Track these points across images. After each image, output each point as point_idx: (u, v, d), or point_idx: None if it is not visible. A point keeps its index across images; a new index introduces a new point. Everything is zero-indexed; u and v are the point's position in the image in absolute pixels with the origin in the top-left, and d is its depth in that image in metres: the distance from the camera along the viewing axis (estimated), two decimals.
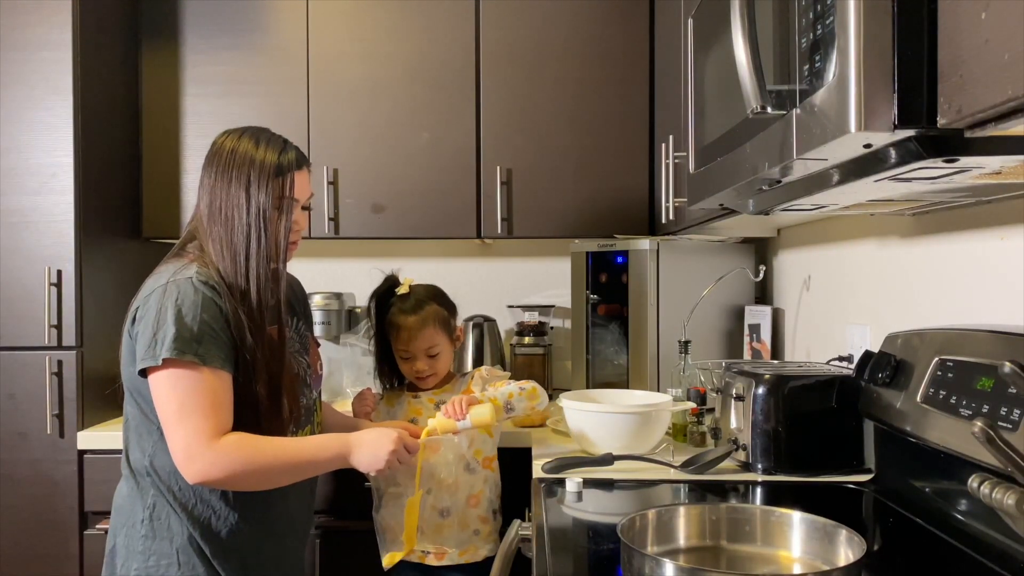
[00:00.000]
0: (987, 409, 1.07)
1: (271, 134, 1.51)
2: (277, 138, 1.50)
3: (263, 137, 1.48)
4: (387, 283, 1.86)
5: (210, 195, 1.45)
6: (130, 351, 1.40)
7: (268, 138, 1.48)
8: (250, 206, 1.42)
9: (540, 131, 2.42)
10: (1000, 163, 0.88)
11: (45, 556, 2.07)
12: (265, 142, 1.47)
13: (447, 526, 1.72)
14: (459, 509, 1.72)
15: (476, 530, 1.74)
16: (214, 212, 1.44)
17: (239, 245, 1.42)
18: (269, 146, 1.46)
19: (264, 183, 1.43)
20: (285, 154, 1.46)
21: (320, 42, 2.42)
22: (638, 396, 1.89)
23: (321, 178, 2.40)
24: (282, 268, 1.48)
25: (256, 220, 1.42)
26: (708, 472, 1.56)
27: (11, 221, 2.11)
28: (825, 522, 1.06)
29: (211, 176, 1.45)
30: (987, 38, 0.67)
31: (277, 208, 1.44)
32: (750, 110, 0.96)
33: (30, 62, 2.10)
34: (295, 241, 1.51)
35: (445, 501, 1.72)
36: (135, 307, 1.42)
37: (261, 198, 1.42)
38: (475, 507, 1.74)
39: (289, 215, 1.46)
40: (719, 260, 2.32)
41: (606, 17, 2.42)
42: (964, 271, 1.38)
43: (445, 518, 1.72)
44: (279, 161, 1.44)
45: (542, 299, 2.77)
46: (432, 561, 1.72)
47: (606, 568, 1.17)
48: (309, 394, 1.58)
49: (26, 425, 2.09)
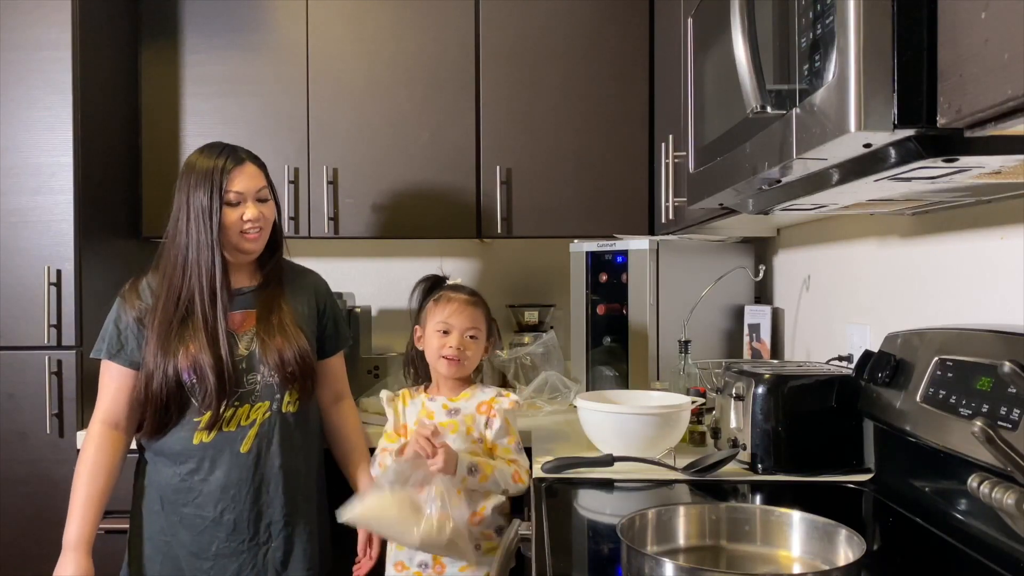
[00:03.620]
0: (987, 409, 1.07)
1: (217, 144, 1.71)
2: (218, 145, 1.70)
3: (206, 148, 1.70)
4: (437, 276, 1.90)
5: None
6: None
7: (211, 147, 1.70)
8: (191, 204, 1.64)
9: (540, 131, 2.42)
10: (1000, 163, 0.88)
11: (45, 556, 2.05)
12: (207, 151, 1.69)
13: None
14: (462, 523, 1.69)
15: (477, 544, 1.69)
16: (170, 220, 1.69)
17: (179, 238, 1.65)
18: (207, 152, 1.68)
19: (202, 182, 1.63)
20: (220, 157, 1.66)
21: (320, 42, 2.42)
22: (655, 397, 1.86)
23: (321, 178, 2.40)
24: (225, 255, 1.67)
25: (196, 214, 1.63)
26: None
27: (11, 221, 2.11)
28: (825, 522, 1.06)
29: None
30: (987, 38, 0.67)
31: (219, 203, 1.63)
32: (750, 110, 0.96)
33: (30, 62, 2.10)
34: (248, 231, 1.67)
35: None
36: None
37: (199, 195, 1.63)
38: (478, 525, 1.70)
39: (235, 207, 1.65)
40: (719, 260, 2.32)
41: (606, 17, 2.42)
42: (964, 271, 1.38)
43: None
44: (214, 163, 1.65)
45: (542, 299, 2.77)
46: (431, 575, 1.70)
47: (606, 568, 1.17)
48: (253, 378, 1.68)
49: (26, 425, 2.09)
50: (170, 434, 1.65)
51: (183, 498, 1.66)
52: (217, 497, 1.65)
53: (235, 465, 1.66)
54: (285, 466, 1.69)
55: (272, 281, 1.76)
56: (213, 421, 1.63)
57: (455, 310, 1.76)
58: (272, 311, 1.71)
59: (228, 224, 1.65)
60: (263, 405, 1.68)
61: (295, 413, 1.72)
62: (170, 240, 1.68)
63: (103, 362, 1.69)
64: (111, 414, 1.67)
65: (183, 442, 1.65)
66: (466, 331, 1.75)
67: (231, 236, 1.66)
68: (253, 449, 1.67)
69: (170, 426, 1.65)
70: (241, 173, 1.66)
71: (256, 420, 1.67)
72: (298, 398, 1.72)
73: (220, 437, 1.65)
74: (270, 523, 1.68)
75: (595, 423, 1.71)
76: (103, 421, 1.66)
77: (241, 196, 1.66)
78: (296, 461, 1.72)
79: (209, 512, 1.65)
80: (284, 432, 1.69)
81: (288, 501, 1.69)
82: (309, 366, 1.71)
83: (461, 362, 1.75)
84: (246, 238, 1.67)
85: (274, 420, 1.69)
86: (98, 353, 1.69)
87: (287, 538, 1.69)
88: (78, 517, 1.61)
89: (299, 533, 1.71)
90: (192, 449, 1.65)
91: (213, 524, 1.65)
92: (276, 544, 1.69)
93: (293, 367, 1.68)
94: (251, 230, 1.67)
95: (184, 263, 1.64)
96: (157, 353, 1.61)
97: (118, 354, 1.66)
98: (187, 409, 1.65)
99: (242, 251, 1.70)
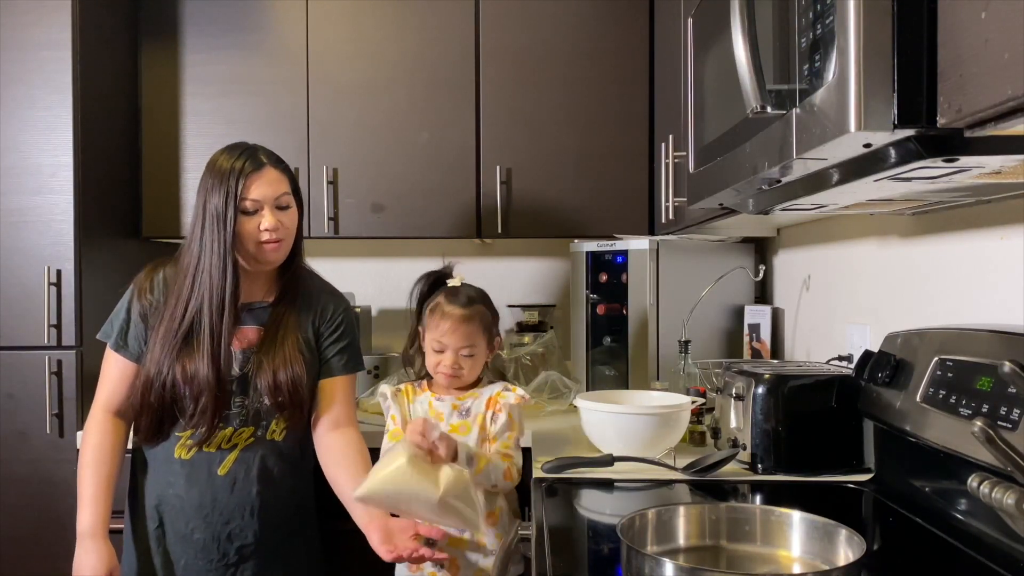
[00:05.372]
0: (987, 409, 1.07)
1: (241, 144, 1.63)
2: (240, 146, 1.63)
3: (229, 148, 1.62)
4: (439, 272, 1.82)
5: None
6: None
7: (233, 148, 1.62)
8: (206, 209, 1.57)
9: (540, 131, 2.42)
10: (1000, 163, 0.88)
11: (45, 556, 2.07)
12: (228, 151, 1.61)
13: (463, 541, 1.66)
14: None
15: (493, 549, 1.66)
16: (191, 220, 1.63)
17: (194, 244, 1.58)
18: (228, 153, 1.60)
19: (218, 186, 1.56)
20: (240, 159, 1.58)
21: (320, 41, 2.42)
22: (655, 397, 1.85)
23: (321, 178, 2.40)
24: (242, 263, 1.60)
25: (211, 220, 1.56)
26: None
27: (11, 221, 2.11)
28: (825, 522, 1.06)
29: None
30: (987, 38, 0.67)
31: (234, 211, 1.55)
32: (750, 110, 0.96)
33: (30, 61, 2.10)
34: (268, 241, 1.59)
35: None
36: None
37: (215, 200, 1.56)
38: (493, 525, 1.67)
39: (251, 216, 1.57)
40: (719, 260, 2.32)
41: (606, 17, 2.42)
42: (964, 271, 1.38)
43: (462, 533, 1.65)
44: (231, 166, 1.57)
45: (542, 299, 2.77)
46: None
47: (606, 568, 1.17)
48: (242, 400, 1.62)
49: (26, 425, 2.09)
50: (158, 444, 1.62)
51: (163, 506, 1.63)
52: (189, 515, 1.60)
53: (211, 487, 1.60)
54: (264, 494, 1.62)
55: (287, 297, 1.68)
56: (204, 438, 1.58)
57: (448, 329, 1.68)
58: (278, 331, 1.64)
59: (244, 234, 1.57)
60: (247, 431, 1.62)
61: (280, 442, 1.65)
62: (187, 243, 1.61)
63: (107, 349, 1.65)
64: (112, 402, 1.64)
65: (167, 453, 1.62)
66: (460, 350, 1.68)
67: (248, 246, 1.58)
68: (231, 473, 1.61)
69: (161, 438, 1.61)
70: (259, 179, 1.57)
71: (237, 445, 1.62)
72: (286, 427, 1.65)
73: (199, 456, 1.60)
74: (242, 546, 1.62)
75: (595, 423, 1.71)
76: (104, 408, 1.64)
77: (258, 204, 1.57)
78: (277, 490, 1.65)
79: (181, 528, 1.61)
80: (266, 460, 1.63)
81: (264, 528, 1.63)
82: (300, 394, 1.63)
83: (458, 377, 1.71)
84: (264, 249, 1.59)
85: (257, 447, 1.63)
86: (105, 337, 1.65)
87: (259, 562, 1.63)
88: (89, 503, 1.56)
89: (274, 558, 1.65)
90: (173, 463, 1.61)
91: (183, 540, 1.61)
92: (247, 566, 1.62)
93: (284, 394, 1.60)
94: (270, 240, 1.58)
95: (196, 270, 1.57)
96: (160, 362, 1.56)
97: (124, 347, 1.63)
98: (177, 422, 1.60)
99: (261, 262, 1.62)
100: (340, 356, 1.71)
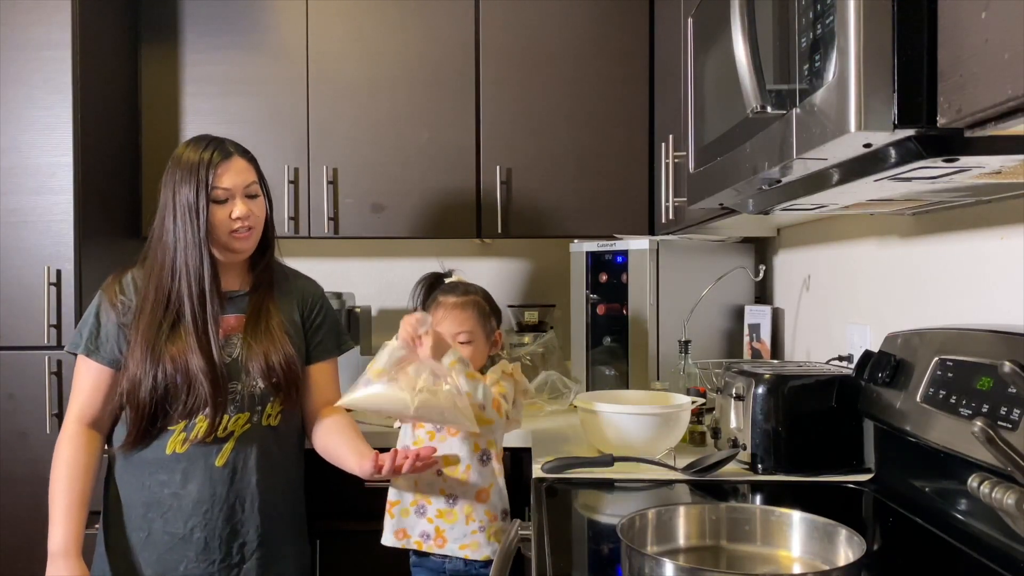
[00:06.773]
0: (987, 409, 1.07)
1: (205, 136, 1.64)
2: (205, 138, 1.63)
3: (193, 140, 1.63)
4: (440, 274, 1.86)
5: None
6: None
7: (197, 140, 1.63)
8: (176, 201, 1.57)
9: (540, 130, 2.42)
10: (1000, 163, 0.88)
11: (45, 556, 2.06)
12: (194, 144, 1.62)
13: (452, 513, 1.69)
14: (468, 499, 1.69)
15: (481, 526, 1.70)
16: (156, 216, 1.62)
17: (167, 237, 1.58)
18: (194, 145, 1.61)
19: (187, 178, 1.57)
20: (207, 151, 1.59)
21: (319, 41, 2.42)
22: (655, 397, 1.85)
23: (321, 178, 2.40)
24: (215, 254, 1.60)
25: (183, 212, 1.56)
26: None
27: (11, 221, 2.11)
28: (825, 522, 1.06)
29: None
30: (987, 38, 0.67)
31: (206, 200, 1.56)
32: (750, 110, 0.96)
33: (30, 61, 2.10)
34: (238, 229, 1.60)
35: (455, 488, 1.69)
36: None
37: (185, 191, 1.56)
38: (483, 502, 1.69)
39: (223, 205, 1.59)
40: (719, 260, 2.32)
41: (606, 17, 2.42)
42: (964, 271, 1.38)
43: (452, 505, 1.69)
44: (200, 157, 1.58)
45: (542, 299, 2.77)
46: (431, 548, 1.69)
47: (606, 568, 1.17)
48: (235, 386, 1.60)
49: (26, 425, 2.09)
50: (149, 444, 1.59)
51: (152, 512, 1.58)
52: (188, 513, 1.57)
53: (209, 479, 1.57)
54: (262, 483, 1.61)
55: (263, 283, 1.69)
56: (211, 428, 1.56)
57: (442, 316, 1.72)
58: (260, 315, 1.64)
59: (216, 223, 1.58)
60: (242, 417, 1.60)
61: (276, 427, 1.64)
62: (156, 238, 1.60)
63: (79, 358, 1.61)
64: (86, 413, 1.60)
65: (156, 451, 1.58)
66: (455, 336, 1.71)
67: (220, 235, 1.59)
68: (229, 463, 1.59)
69: (154, 436, 1.58)
70: (229, 168, 1.59)
71: (234, 433, 1.59)
72: (281, 411, 1.64)
73: (195, 449, 1.57)
74: (243, 543, 1.60)
75: (595, 423, 1.71)
76: (78, 420, 1.59)
77: (229, 192, 1.58)
78: (275, 479, 1.64)
79: (179, 529, 1.57)
80: (263, 447, 1.62)
81: (264, 520, 1.61)
82: (295, 373, 1.64)
83: None
84: (236, 237, 1.60)
85: (253, 433, 1.61)
86: (75, 348, 1.61)
87: (261, 561, 1.61)
88: (62, 522, 1.53)
89: (275, 556, 1.63)
90: (165, 460, 1.58)
91: (182, 542, 1.57)
92: (249, 566, 1.60)
93: (278, 375, 1.60)
94: (241, 229, 1.60)
95: (172, 264, 1.57)
96: (145, 359, 1.53)
97: (96, 351, 1.59)
98: (168, 417, 1.57)
99: (232, 251, 1.62)
100: (324, 342, 1.75)
